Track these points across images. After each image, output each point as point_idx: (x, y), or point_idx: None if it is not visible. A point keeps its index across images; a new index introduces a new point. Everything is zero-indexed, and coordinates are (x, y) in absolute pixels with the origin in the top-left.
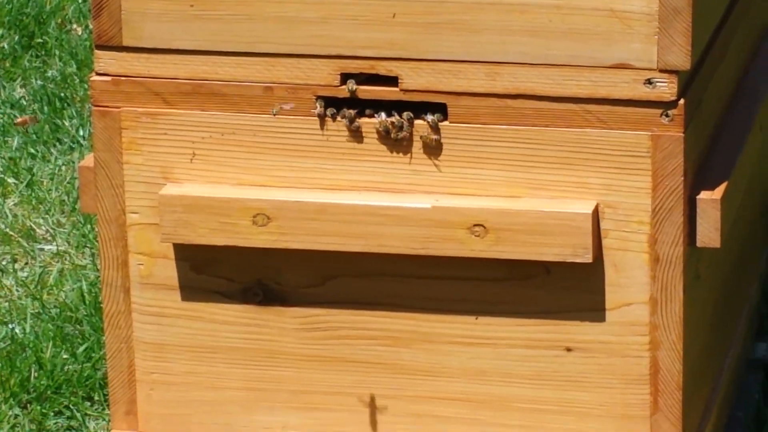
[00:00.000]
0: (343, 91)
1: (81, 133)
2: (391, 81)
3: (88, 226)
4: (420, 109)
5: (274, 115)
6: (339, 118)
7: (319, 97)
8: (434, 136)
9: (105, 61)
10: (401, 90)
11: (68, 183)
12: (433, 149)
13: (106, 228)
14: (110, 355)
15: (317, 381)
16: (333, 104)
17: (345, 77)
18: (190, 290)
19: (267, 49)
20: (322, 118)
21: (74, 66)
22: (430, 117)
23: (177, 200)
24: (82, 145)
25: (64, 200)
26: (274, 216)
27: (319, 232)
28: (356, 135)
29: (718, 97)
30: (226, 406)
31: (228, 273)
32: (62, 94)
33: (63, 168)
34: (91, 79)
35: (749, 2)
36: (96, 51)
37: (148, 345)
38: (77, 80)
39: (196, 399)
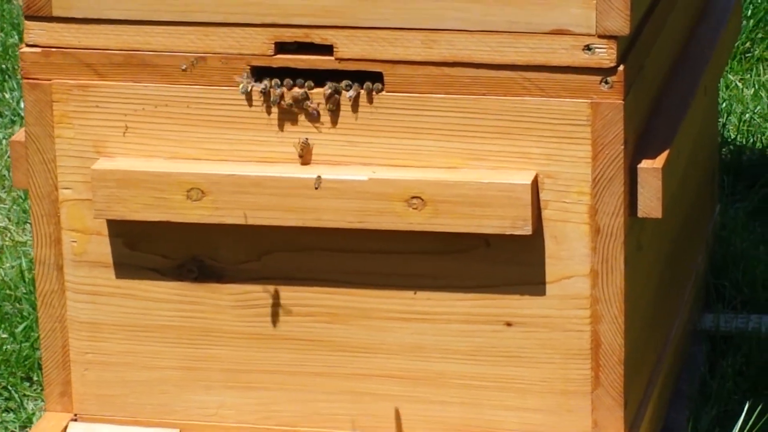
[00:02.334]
0: (278, 61)
1: (22, 105)
2: (327, 50)
3: (29, 201)
4: (355, 78)
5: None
6: (271, 91)
7: (252, 68)
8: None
9: (35, 32)
10: (336, 59)
11: (9, 158)
12: (371, 120)
13: (38, 204)
14: (44, 335)
15: (254, 359)
16: (268, 74)
17: (279, 46)
18: (125, 267)
19: (200, 18)
20: (248, 94)
21: (16, 37)
22: (367, 88)
23: (109, 175)
24: (23, 118)
25: (4, 175)
26: (209, 190)
27: (255, 206)
28: (290, 107)
29: (661, 63)
30: (162, 385)
31: (162, 249)
32: (3, 66)
33: (3, 142)
34: (21, 50)
35: None
36: (25, 21)
37: (83, 324)
38: (18, 52)
39: (132, 379)
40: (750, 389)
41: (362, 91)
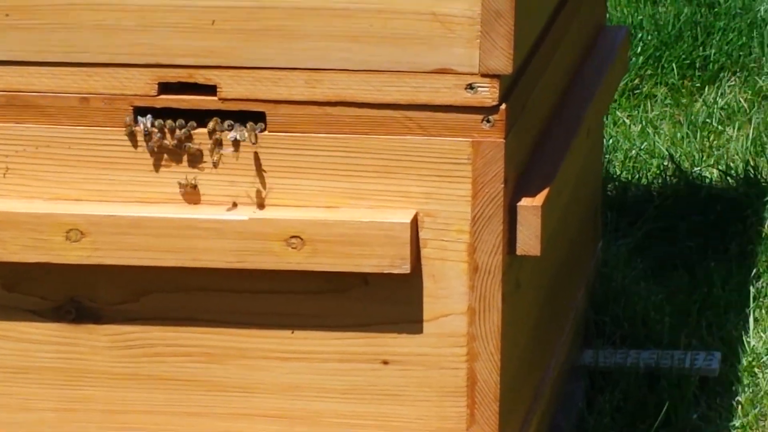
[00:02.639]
0: (161, 101)
1: None
2: (210, 90)
3: None
4: (239, 118)
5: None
6: (154, 131)
7: (135, 109)
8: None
9: None
10: (220, 99)
11: None
12: (252, 160)
13: None
14: None
15: (130, 400)
16: (152, 115)
17: (163, 86)
18: (2, 309)
19: (84, 58)
20: (132, 135)
21: None
22: (248, 128)
23: None
24: None
25: None
26: (88, 231)
27: (134, 246)
28: (172, 147)
29: (544, 101)
30: (38, 427)
31: (40, 291)
32: None
33: None
34: None
35: (578, 4)
36: None
37: None
38: None
39: (7, 421)
40: (627, 425)
41: (245, 132)
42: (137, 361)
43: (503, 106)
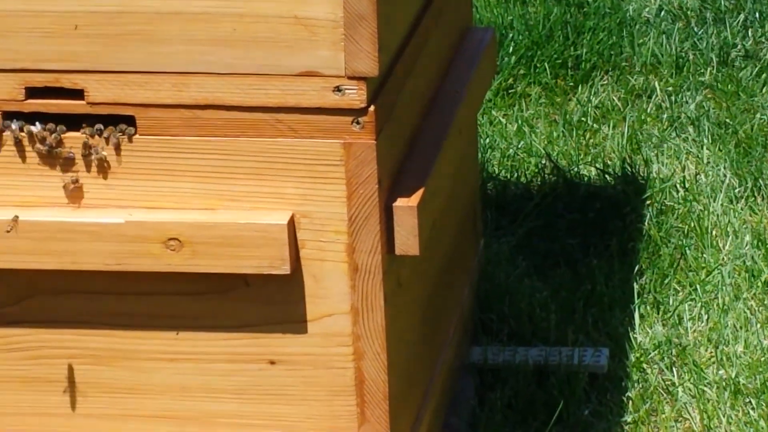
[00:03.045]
0: (29, 106)
1: None
2: (78, 94)
3: None
4: (110, 121)
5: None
6: (23, 136)
7: (4, 114)
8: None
9: None
10: (87, 103)
11: None
12: (125, 163)
13: None
14: None
15: (22, 402)
16: (20, 119)
17: (30, 91)
18: None
19: None
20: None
21: None
22: (120, 131)
23: None
24: None
25: None
26: None
27: (13, 250)
28: (45, 151)
29: (414, 102)
30: None
31: None
32: None
33: None
34: None
35: (443, 4)
36: None
37: None
38: None
39: None
40: (519, 421)
41: (115, 135)
42: (23, 364)
43: (372, 108)
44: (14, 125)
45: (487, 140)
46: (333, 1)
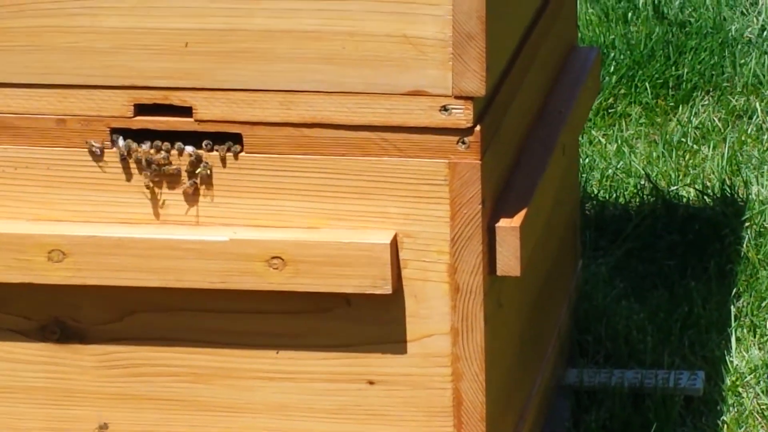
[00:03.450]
0: (138, 123)
1: None
2: (186, 111)
3: None
4: (217, 139)
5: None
6: (132, 153)
7: (113, 130)
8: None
9: None
10: (195, 120)
11: None
12: (231, 180)
13: None
14: None
15: (118, 419)
16: (128, 136)
17: (139, 108)
18: None
19: (59, 80)
20: (95, 154)
21: None
22: (227, 149)
23: None
24: None
25: None
26: (70, 251)
27: (117, 267)
28: (152, 169)
29: (518, 122)
30: None
31: (24, 311)
32: None
33: None
34: None
35: (551, 24)
36: None
37: None
38: None
39: None
40: None
41: (222, 153)
42: (123, 381)
43: (478, 128)
44: (121, 143)
45: (587, 160)
46: (442, 20)
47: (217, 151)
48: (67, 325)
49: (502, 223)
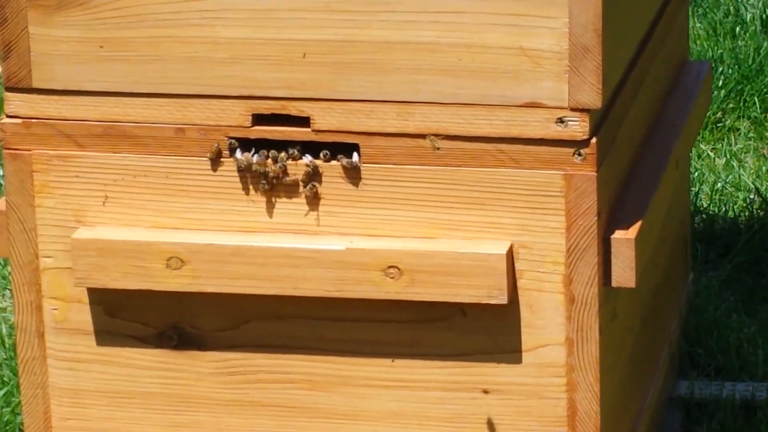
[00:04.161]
0: (255, 132)
1: (1, 173)
2: (303, 121)
3: (8, 267)
4: (333, 150)
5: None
6: (249, 163)
7: (230, 139)
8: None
9: (15, 103)
10: (313, 130)
11: None
12: (348, 190)
13: (19, 272)
14: (25, 401)
15: (235, 425)
16: (244, 146)
17: (256, 118)
18: (105, 335)
19: (177, 90)
20: (214, 159)
21: None
22: (344, 159)
23: (90, 244)
24: (1, 185)
25: None
26: (188, 259)
27: (234, 275)
28: (269, 177)
29: (632, 134)
30: None
31: (142, 317)
32: None
33: None
34: (1, 121)
35: (664, 37)
36: (5, 93)
37: (64, 391)
38: None
39: None
40: None
41: (339, 163)
42: (241, 388)
43: (594, 140)
44: (239, 154)
45: (695, 174)
46: (558, 32)
47: (336, 160)
48: (185, 331)
49: (618, 234)
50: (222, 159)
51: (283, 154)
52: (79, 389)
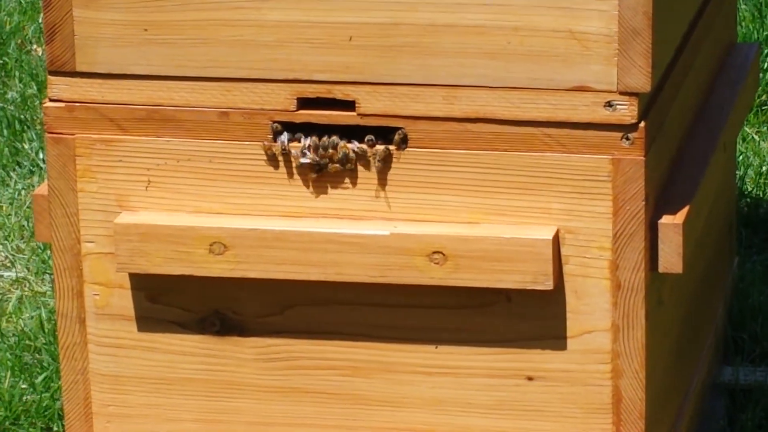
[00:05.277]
0: (300, 116)
1: (41, 156)
2: (349, 105)
3: (48, 252)
4: (379, 133)
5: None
6: (293, 147)
7: (275, 123)
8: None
9: (58, 86)
10: (358, 114)
11: (28, 208)
12: (392, 175)
13: (60, 257)
14: (66, 387)
15: (276, 412)
16: (290, 129)
17: (301, 102)
18: (146, 321)
19: (222, 73)
20: (270, 153)
21: (34, 87)
22: (387, 145)
23: (132, 229)
24: (42, 169)
25: (23, 225)
26: (231, 244)
27: (277, 260)
28: (314, 163)
29: (680, 118)
30: None
31: (184, 303)
32: (22, 117)
33: (23, 192)
34: (45, 105)
35: (712, 20)
36: (49, 76)
37: (105, 377)
38: (37, 102)
39: (154, 431)
40: None
41: (386, 148)
42: (282, 374)
43: (642, 124)
44: (284, 137)
45: (740, 157)
46: (608, 15)
47: (382, 144)
48: (227, 317)
49: (665, 219)
50: (267, 143)
51: (325, 139)
52: (120, 375)
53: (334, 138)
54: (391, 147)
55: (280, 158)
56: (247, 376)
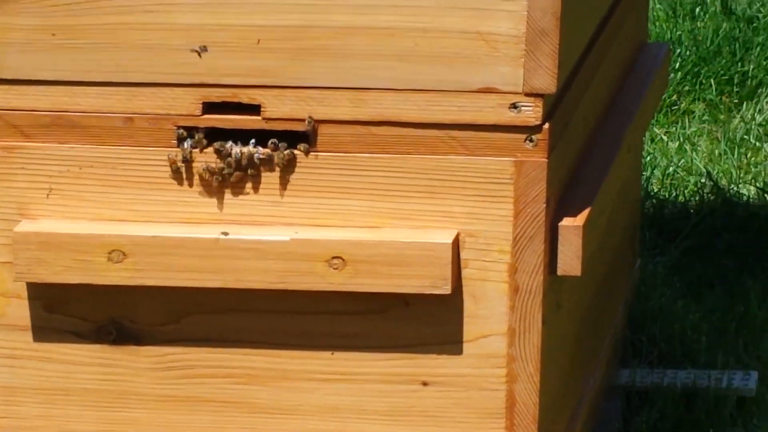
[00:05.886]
0: (205, 121)
1: None
2: (254, 109)
3: None
4: (284, 138)
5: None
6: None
7: (179, 128)
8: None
9: None
10: (263, 119)
11: None
12: (297, 179)
13: None
14: None
15: (173, 421)
16: (208, 135)
17: (207, 106)
18: (43, 330)
19: (129, 78)
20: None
21: None
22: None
23: (32, 237)
24: None
25: None
26: (130, 252)
27: (176, 267)
28: (213, 168)
29: (586, 119)
30: None
31: (82, 312)
32: None
33: None
34: None
35: (623, 20)
36: None
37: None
38: None
39: None
40: None
41: (289, 151)
42: (178, 383)
43: (546, 126)
44: (187, 144)
45: (648, 158)
46: (517, 16)
47: (287, 149)
48: (124, 326)
49: (566, 222)
50: (169, 149)
51: (229, 144)
52: (15, 387)
53: (235, 145)
54: (296, 151)
55: (182, 165)
56: (144, 385)
